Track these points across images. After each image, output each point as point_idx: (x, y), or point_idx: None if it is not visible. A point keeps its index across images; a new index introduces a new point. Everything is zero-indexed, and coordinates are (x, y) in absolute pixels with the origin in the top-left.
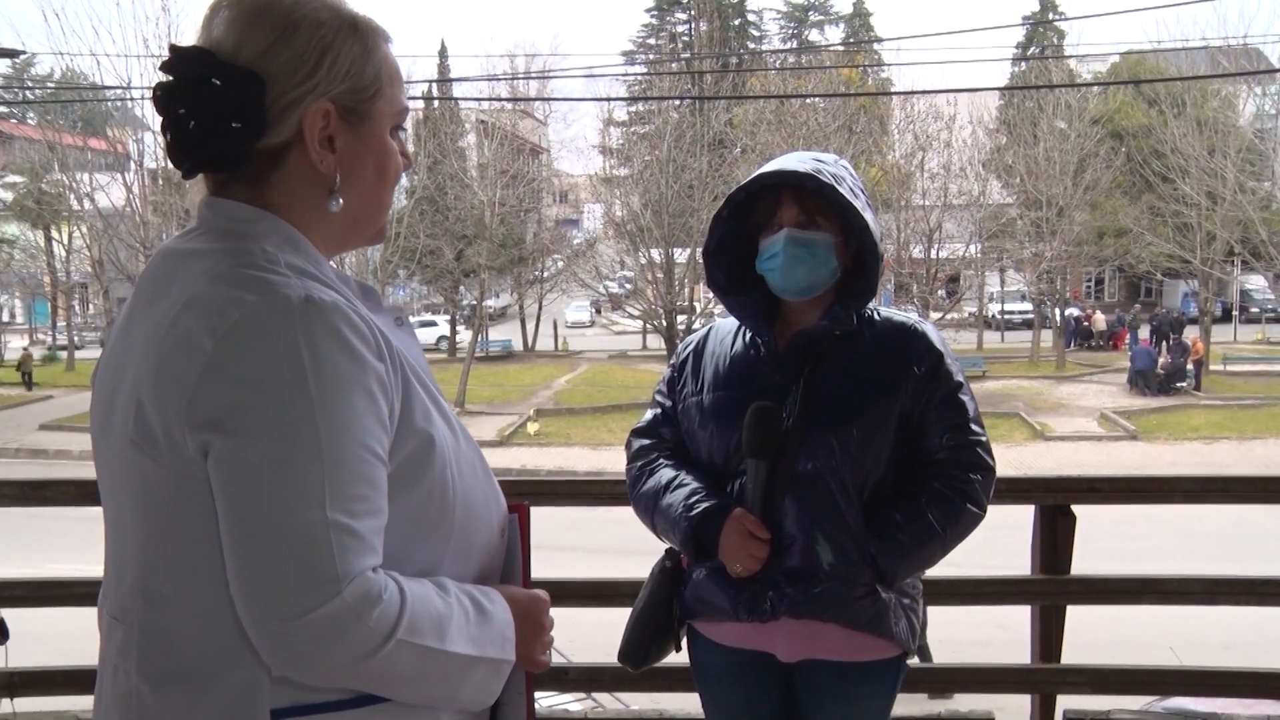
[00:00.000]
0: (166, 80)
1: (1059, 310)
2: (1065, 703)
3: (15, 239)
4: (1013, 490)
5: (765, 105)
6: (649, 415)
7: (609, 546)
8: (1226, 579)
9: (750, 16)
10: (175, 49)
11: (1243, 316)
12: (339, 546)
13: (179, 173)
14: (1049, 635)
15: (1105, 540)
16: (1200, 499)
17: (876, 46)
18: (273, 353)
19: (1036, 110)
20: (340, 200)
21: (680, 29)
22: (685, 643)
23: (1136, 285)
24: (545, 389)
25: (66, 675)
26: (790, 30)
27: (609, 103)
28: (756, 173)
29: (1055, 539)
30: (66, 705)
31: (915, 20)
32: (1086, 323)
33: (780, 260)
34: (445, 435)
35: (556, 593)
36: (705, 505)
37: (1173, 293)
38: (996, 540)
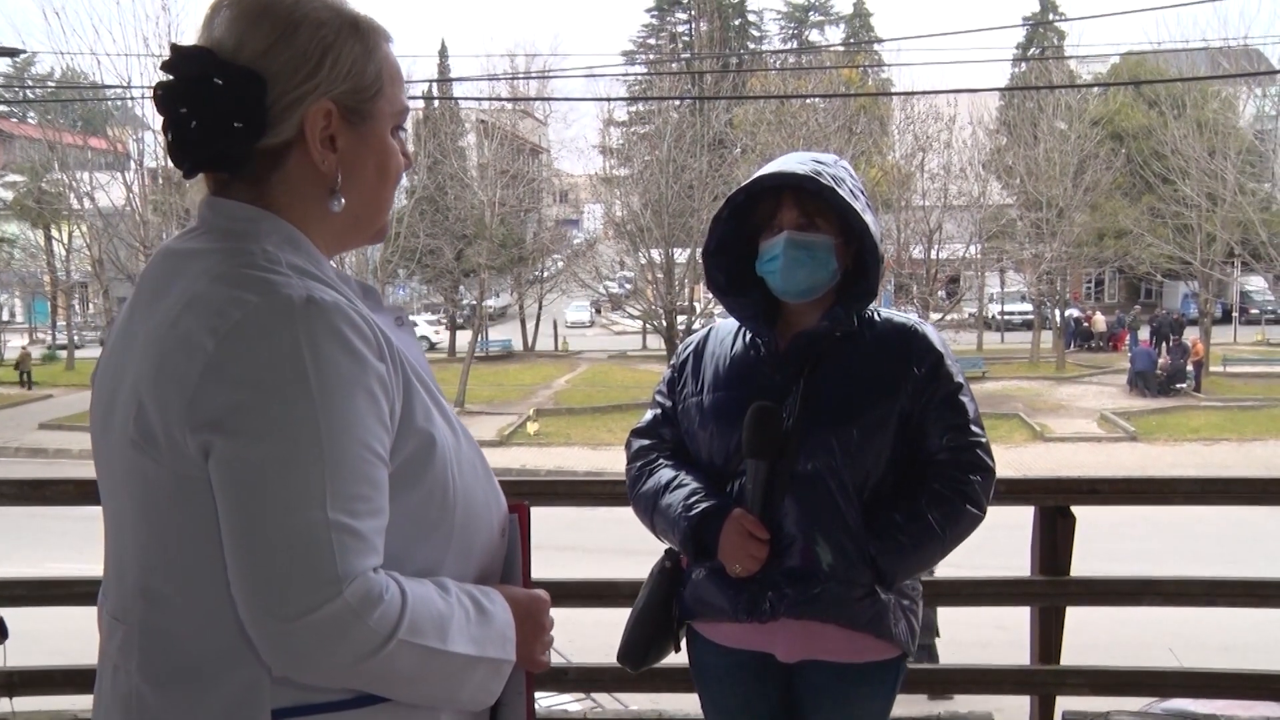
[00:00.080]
0: (167, 80)
1: (1059, 311)
2: (1064, 704)
3: (15, 238)
4: (1012, 491)
5: (765, 105)
6: (649, 415)
7: (608, 546)
8: (1226, 580)
9: (750, 17)
10: (176, 48)
11: (1243, 318)
12: (340, 547)
13: (179, 172)
14: (1048, 636)
15: (1105, 541)
16: (1200, 500)
17: (877, 47)
18: (274, 353)
19: (1036, 111)
20: (342, 200)
21: (680, 29)
22: (684, 643)
23: (1136, 286)
24: (545, 389)
25: (66, 675)
26: (790, 31)
27: (609, 103)
28: (756, 174)
29: (1055, 540)
30: (66, 705)
31: (915, 21)
32: (1086, 324)
33: (780, 263)
34: (446, 435)
35: (556, 593)
36: (705, 505)
37: (1173, 294)
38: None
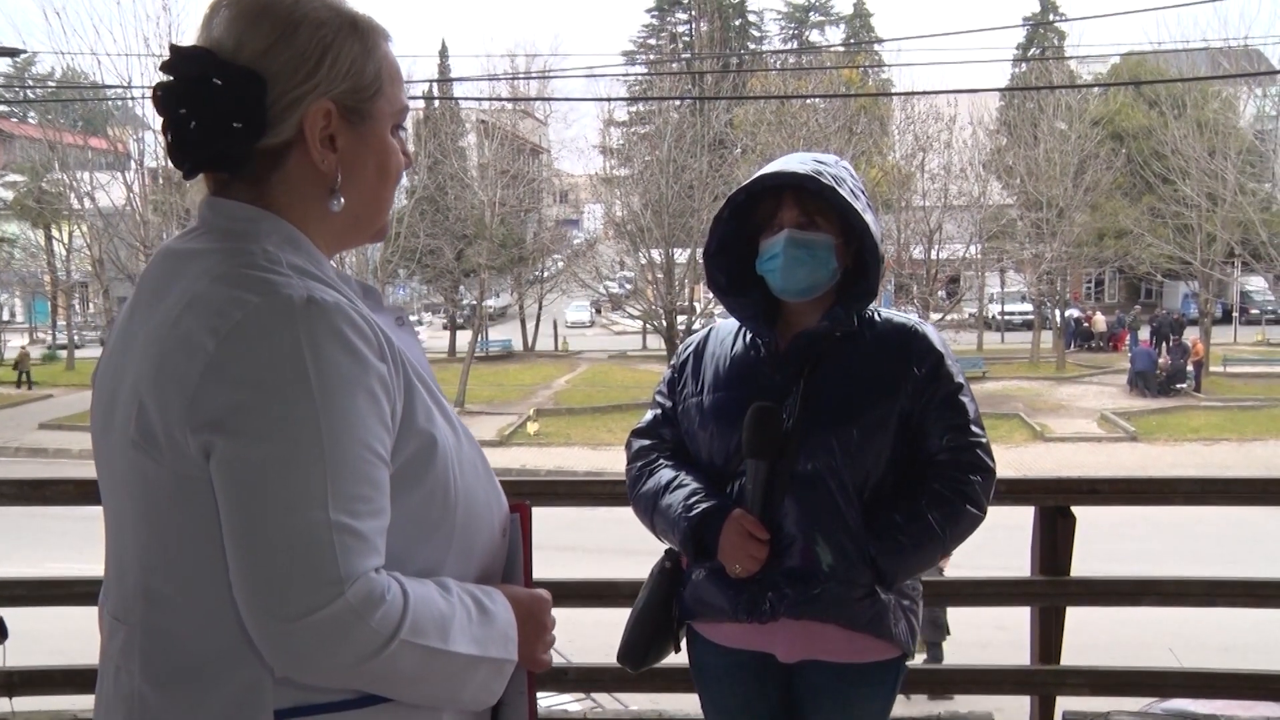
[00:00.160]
0: (167, 80)
1: (1059, 311)
2: (1065, 704)
3: (16, 238)
4: (1013, 491)
5: (765, 106)
6: (649, 416)
7: (608, 546)
8: (1225, 581)
9: (751, 17)
10: (175, 49)
11: (1243, 318)
12: (342, 547)
13: (179, 172)
14: (1048, 636)
15: (1105, 542)
16: (1200, 501)
17: (877, 47)
18: (275, 353)
19: (1037, 111)
20: (341, 200)
21: (681, 29)
22: (684, 643)
23: (1137, 286)
24: (545, 389)
25: (66, 675)
26: (791, 31)
27: (609, 103)
28: (757, 174)
29: (1055, 540)
30: (66, 705)
31: (916, 21)
32: (1086, 324)
33: (781, 261)
34: (447, 435)
35: (556, 593)
36: (705, 506)
37: (1173, 294)
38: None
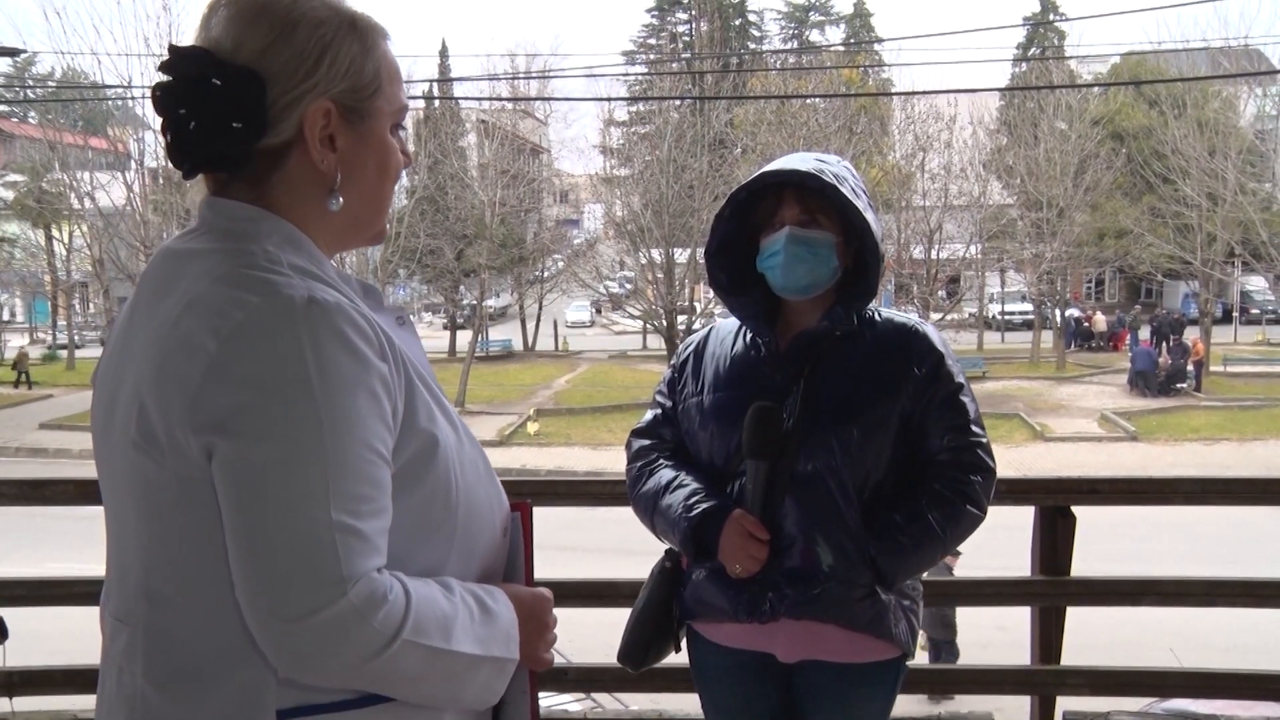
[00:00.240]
0: (166, 80)
1: (1059, 311)
2: (1065, 704)
3: (16, 238)
4: (1013, 491)
5: (766, 106)
6: (649, 416)
7: (608, 546)
8: (1225, 581)
9: (751, 17)
10: (174, 49)
11: (1243, 318)
12: (344, 547)
13: (179, 172)
14: (1049, 636)
15: (1105, 542)
16: (1200, 500)
17: (877, 47)
18: (276, 353)
19: (1037, 111)
20: (340, 199)
21: (681, 29)
22: (685, 643)
23: (1137, 286)
24: (545, 389)
25: (66, 675)
26: (791, 31)
27: (609, 103)
28: (759, 172)
29: (1055, 540)
30: (66, 705)
31: (916, 21)
32: (1087, 323)
33: (781, 259)
34: (448, 435)
35: (556, 593)
36: (705, 506)
37: (1173, 294)
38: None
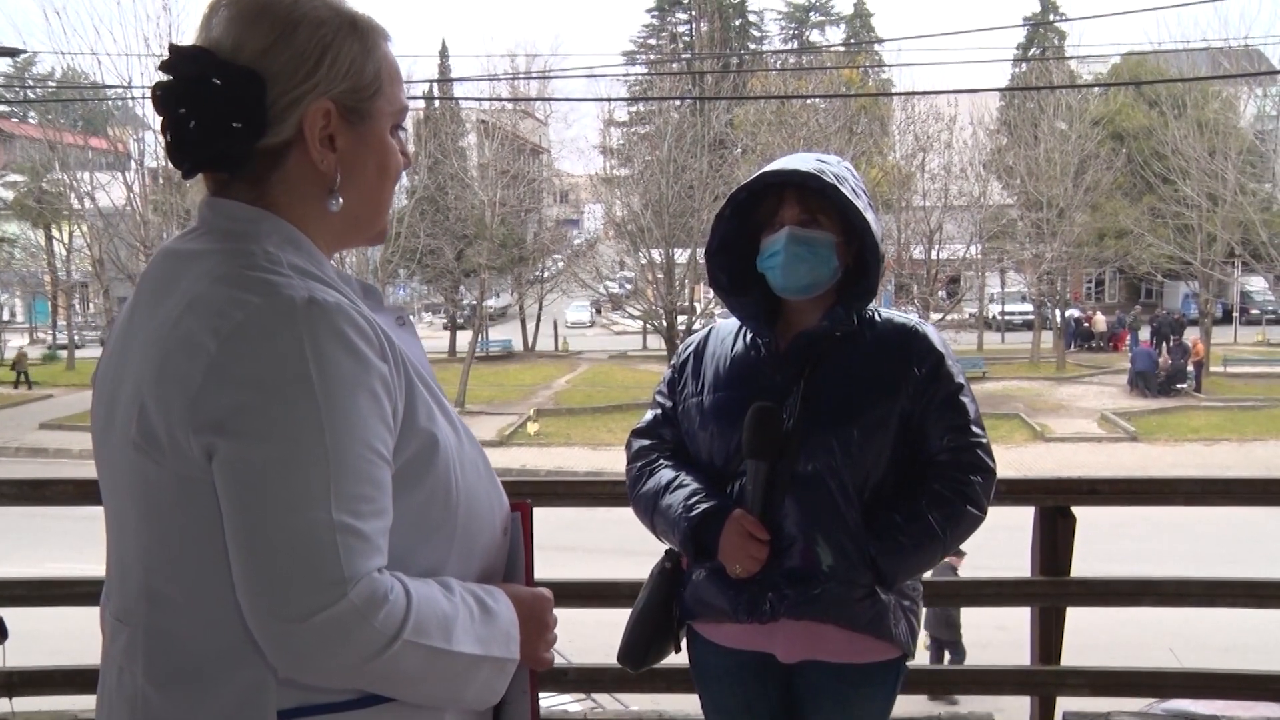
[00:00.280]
0: (166, 80)
1: (1059, 311)
2: (1065, 704)
3: (16, 238)
4: (1013, 492)
5: (766, 106)
6: (649, 416)
7: (608, 547)
8: (1225, 581)
9: (751, 17)
10: (175, 48)
11: (1243, 318)
12: (344, 548)
13: (179, 172)
14: (1049, 637)
15: (1105, 542)
16: (1200, 501)
17: (877, 47)
18: (277, 354)
19: (1037, 111)
20: (340, 199)
21: (681, 29)
22: (685, 643)
23: (1137, 287)
24: (545, 389)
25: (66, 675)
26: (791, 31)
27: (610, 103)
28: (759, 172)
29: (1055, 541)
30: (66, 705)
31: (916, 21)
32: (1087, 324)
33: (782, 258)
34: (448, 435)
35: (556, 593)
36: (705, 506)
37: (1173, 294)
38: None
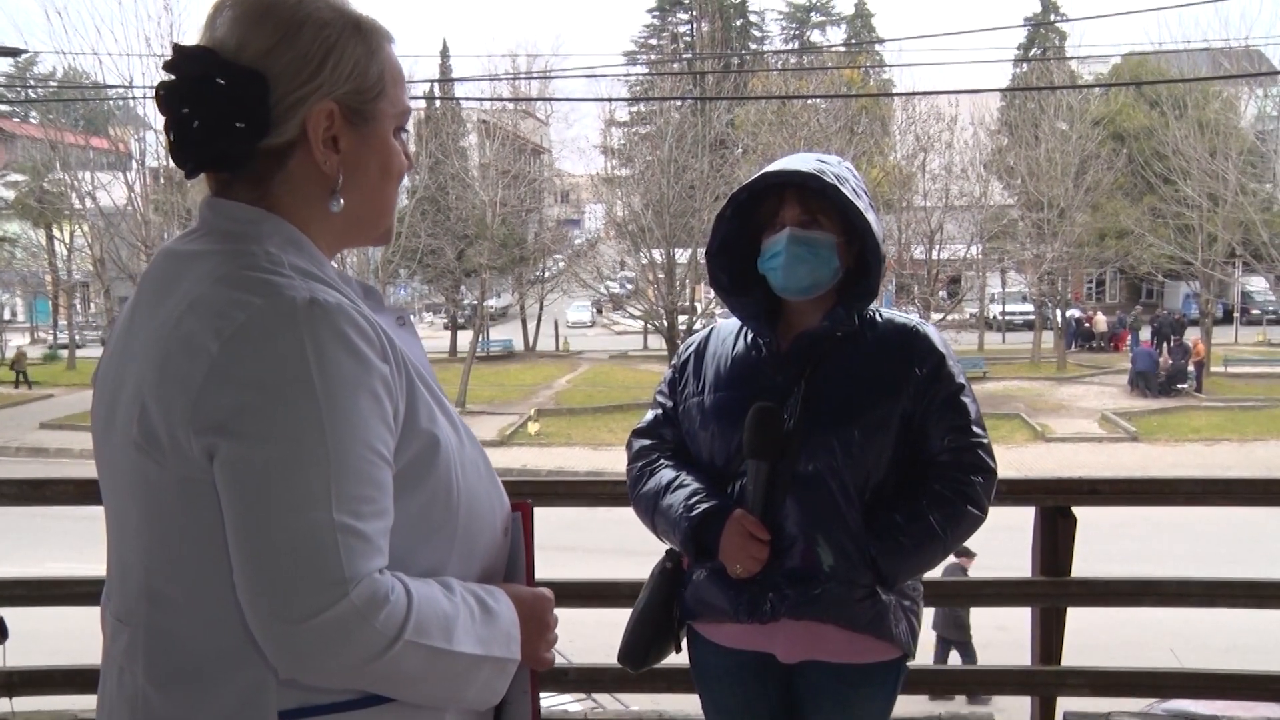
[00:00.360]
0: (169, 79)
1: (1060, 311)
2: (1065, 704)
3: (17, 237)
4: (1013, 492)
5: (767, 106)
6: (650, 416)
7: (609, 547)
8: (1226, 581)
9: (752, 17)
10: (179, 48)
11: (1244, 318)
12: (345, 548)
13: (181, 172)
14: (1049, 637)
15: (1106, 542)
16: (1201, 501)
17: (878, 47)
18: (278, 355)
19: (1038, 111)
20: (342, 201)
21: (682, 29)
22: (685, 643)
23: (1138, 287)
24: (546, 389)
25: (66, 675)
26: (792, 31)
27: (611, 103)
28: (760, 172)
29: (1055, 541)
30: (66, 705)
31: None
32: (1088, 324)
33: (783, 259)
34: (449, 436)
35: (557, 593)
36: (705, 506)
37: (1174, 294)
38: (997, 542)
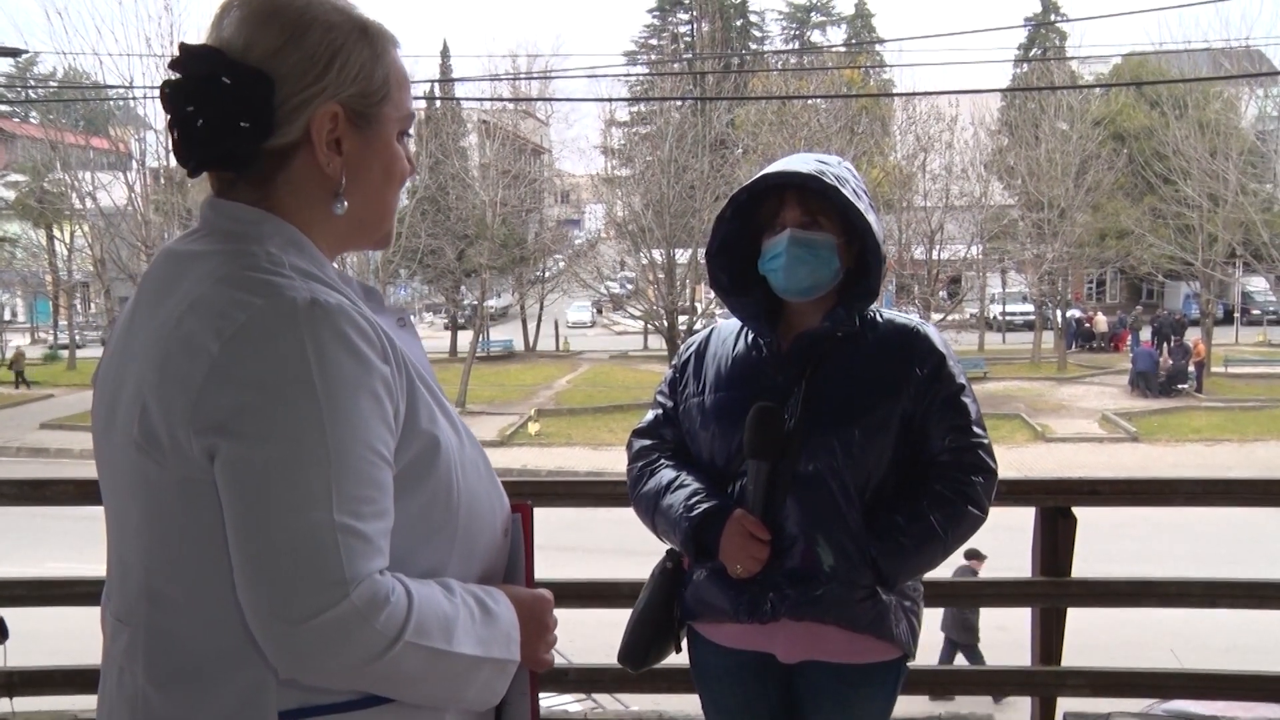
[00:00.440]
0: (175, 78)
1: (1060, 312)
2: (1065, 705)
3: (17, 237)
4: (1013, 492)
5: (767, 106)
6: (650, 416)
7: (609, 547)
8: (1226, 581)
9: (752, 17)
10: (185, 47)
11: (1244, 318)
12: (346, 549)
13: (181, 172)
14: (1049, 637)
15: (1106, 542)
16: (1201, 501)
17: (878, 48)
18: (279, 355)
19: (1038, 112)
20: (344, 203)
21: (682, 30)
22: (685, 644)
23: (1138, 287)
24: (546, 389)
25: (66, 675)
26: (792, 31)
27: (611, 103)
28: (760, 173)
29: (1056, 541)
30: (66, 705)
31: (917, 22)
32: (1088, 324)
33: (783, 260)
34: (450, 437)
35: (557, 593)
36: (706, 506)
37: (1174, 294)
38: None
